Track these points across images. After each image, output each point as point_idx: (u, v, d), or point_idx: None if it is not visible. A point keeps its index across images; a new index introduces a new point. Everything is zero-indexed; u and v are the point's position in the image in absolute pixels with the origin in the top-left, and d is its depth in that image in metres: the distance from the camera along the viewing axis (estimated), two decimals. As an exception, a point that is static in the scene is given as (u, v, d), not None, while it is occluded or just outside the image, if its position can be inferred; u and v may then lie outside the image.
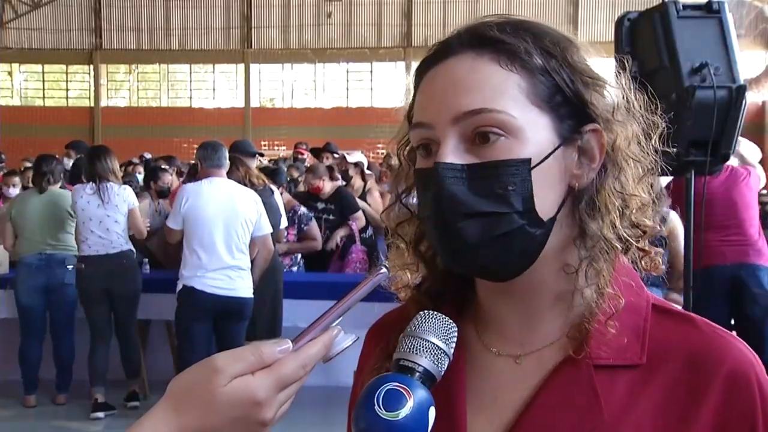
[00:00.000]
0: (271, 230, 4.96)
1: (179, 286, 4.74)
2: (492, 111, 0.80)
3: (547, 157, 0.81)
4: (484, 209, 0.80)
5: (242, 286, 4.76)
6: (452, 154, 0.81)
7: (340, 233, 6.45)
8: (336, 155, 8.88)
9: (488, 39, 0.83)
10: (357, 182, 7.77)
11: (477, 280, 0.91)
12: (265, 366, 0.76)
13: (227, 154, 4.90)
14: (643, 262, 0.90)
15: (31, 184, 6.07)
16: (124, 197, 5.36)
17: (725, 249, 4.79)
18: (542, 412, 0.83)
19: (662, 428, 0.81)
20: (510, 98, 0.81)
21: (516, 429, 0.84)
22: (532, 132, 0.81)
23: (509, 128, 0.80)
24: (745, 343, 0.85)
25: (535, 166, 0.81)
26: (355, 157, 8.73)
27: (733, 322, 4.90)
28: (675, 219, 4.99)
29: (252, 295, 4.82)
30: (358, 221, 6.58)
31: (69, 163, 7.85)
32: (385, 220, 1.00)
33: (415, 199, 0.94)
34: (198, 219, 4.66)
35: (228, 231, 4.68)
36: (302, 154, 9.87)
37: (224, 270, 4.67)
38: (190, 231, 4.69)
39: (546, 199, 0.82)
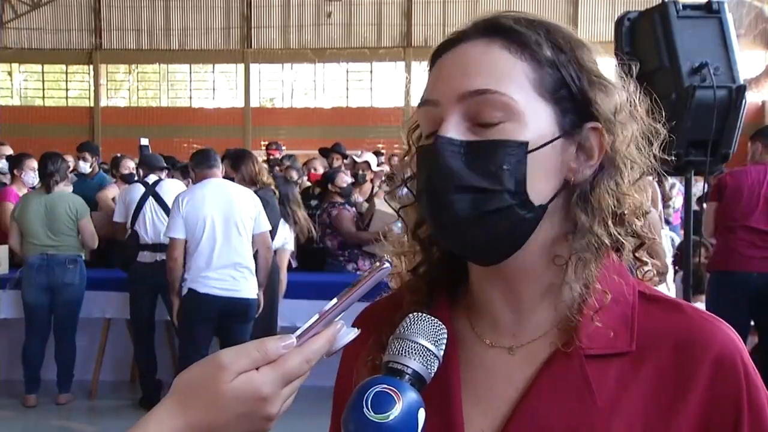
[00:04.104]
0: (269, 228, 4.93)
1: (184, 290, 4.73)
2: (495, 92, 0.83)
3: (545, 145, 0.83)
4: (476, 184, 0.82)
5: (246, 287, 4.73)
6: (454, 129, 0.83)
7: None
8: (345, 156, 8.89)
9: (501, 27, 0.86)
10: (365, 185, 7.75)
11: (470, 266, 0.92)
12: (269, 361, 0.76)
13: (217, 156, 4.91)
14: (638, 272, 0.92)
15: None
16: None
17: (754, 256, 4.59)
18: (537, 404, 0.85)
19: (653, 413, 0.83)
20: (515, 84, 0.83)
21: (512, 421, 0.85)
22: (533, 119, 0.83)
23: (510, 111, 0.83)
24: (730, 327, 0.87)
25: (531, 151, 0.82)
26: (365, 158, 8.71)
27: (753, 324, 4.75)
28: (653, 213, 4.98)
29: (255, 296, 4.80)
30: None
31: (86, 166, 7.86)
32: (388, 201, 1.02)
33: None
34: (197, 220, 4.64)
35: (227, 230, 4.66)
36: (273, 155, 9.70)
37: (226, 269, 4.65)
38: (190, 234, 4.68)
39: (539, 185, 0.84)
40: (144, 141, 10.20)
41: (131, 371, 6.19)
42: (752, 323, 4.79)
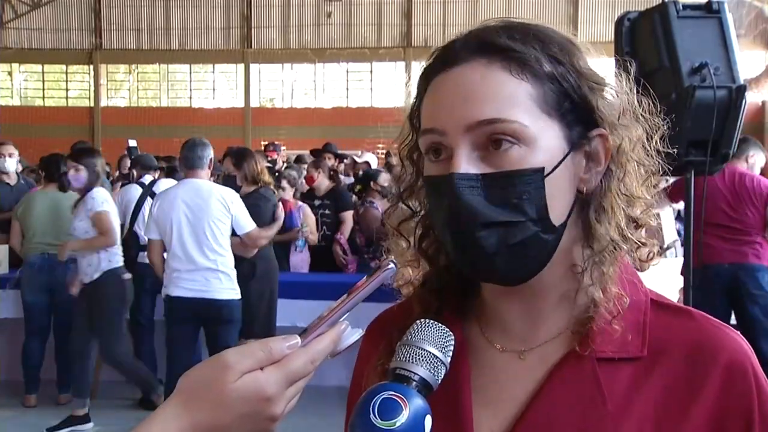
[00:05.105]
0: (253, 227, 4.86)
1: (163, 291, 4.75)
2: (505, 121, 0.81)
3: (558, 165, 0.83)
4: (500, 219, 0.81)
5: (219, 288, 4.65)
6: (467, 163, 0.82)
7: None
8: (341, 155, 8.86)
9: (498, 46, 0.84)
10: None
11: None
12: (273, 361, 0.76)
13: (205, 153, 4.78)
14: (638, 254, 0.91)
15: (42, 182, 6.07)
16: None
17: (725, 248, 4.87)
18: (547, 406, 0.85)
19: (664, 418, 0.83)
20: (522, 107, 0.82)
21: (522, 423, 0.85)
22: (544, 140, 0.82)
23: (522, 137, 0.81)
24: (739, 333, 0.87)
25: (548, 174, 0.82)
26: (365, 158, 8.72)
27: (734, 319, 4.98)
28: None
29: (234, 297, 4.72)
30: (346, 222, 6.64)
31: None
32: (386, 220, 1.00)
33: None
34: (166, 222, 4.62)
35: (196, 232, 4.60)
36: (271, 156, 9.35)
37: (200, 272, 4.60)
38: (162, 235, 4.67)
39: (558, 205, 0.83)
40: (132, 142, 10.12)
41: (131, 371, 6.19)
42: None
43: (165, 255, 4.80)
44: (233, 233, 4.78)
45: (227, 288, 4.69)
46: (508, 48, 0.84)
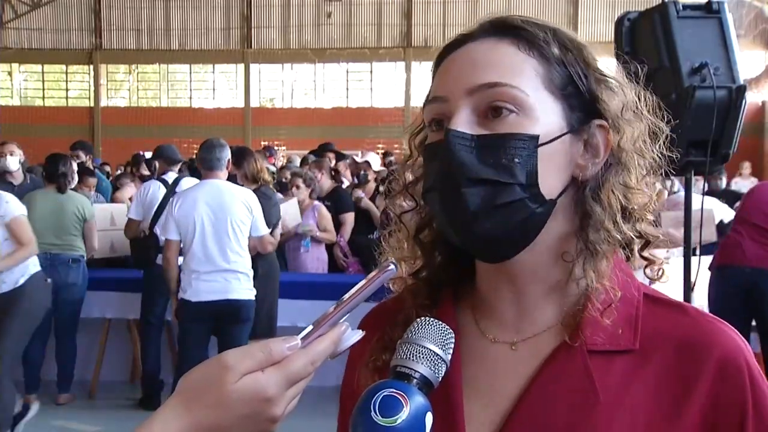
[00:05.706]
0: (267, 231, 4.90)
1: (180, 294, 4.74)
2: (506, 85, 0.83)
3: (554, 139, 0.84)
4: (488, 177, 0.82)
5: (239, 288, 4.67)
6: (464, 124, 0.84)
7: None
8: (341, 155, 8.86)
9: (510, 26, 0.87)
10: (369, 185, 7.73)
11: (477, 265, 0.93)
12: (274, 363, 0.76)
13: (224, 154, 4.80)
14: (647, 271, 0.91)
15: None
16: None
17: (754, 252, 4.78)
18: (539, 398, 0.85)
19: (655, 412, 0.83)
20: (525, 78, 0.84)
21: (513, 415, 0.85)
22: (543, 113, 0.84)
23: (521, 105, 0.83)
24: (735, 330, 0.87)
25: (542, 144, 0.83)
26: (366, 158, 8.71)
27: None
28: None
29: (251, 297, 4.76)
30: (346, 223, 6.64)
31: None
32: (389, 206, 1.01)
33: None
34: (188, 223, 4.61)
35: (218, 233, 4.60)
36: (270, 162, 9.12)
37: (219, 273, 4.61)
38: (182, 236, 4.66)
39: (549, 179, 0.84)
40: (147, 155, 9.93)
41: (131, 371, 6.20)
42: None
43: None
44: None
45: (246, 288, 4.72)
46: (519, 27, 0.87)
